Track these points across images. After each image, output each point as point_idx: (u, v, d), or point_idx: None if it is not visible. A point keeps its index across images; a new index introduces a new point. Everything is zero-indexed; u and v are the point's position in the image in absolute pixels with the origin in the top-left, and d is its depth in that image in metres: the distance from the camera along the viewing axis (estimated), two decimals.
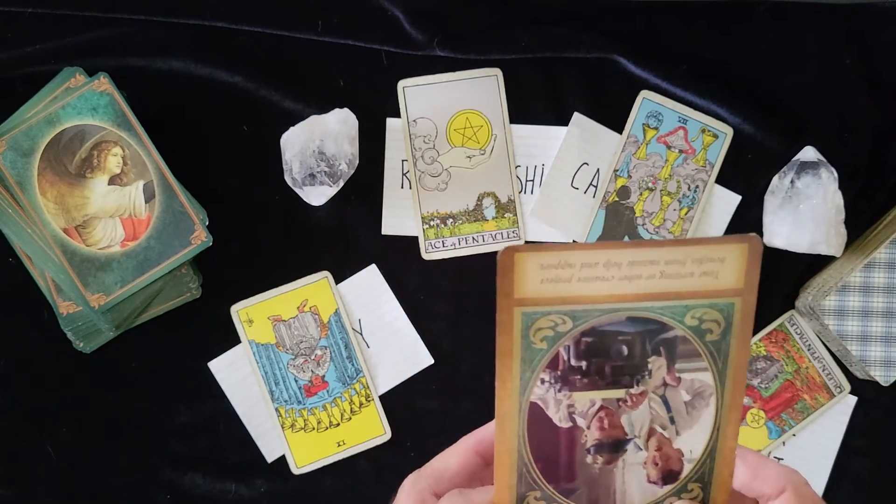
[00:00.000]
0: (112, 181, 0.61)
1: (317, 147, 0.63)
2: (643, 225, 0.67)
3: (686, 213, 0.67)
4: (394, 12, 0.67)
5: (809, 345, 0.67)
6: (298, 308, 0.66)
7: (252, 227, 0.67)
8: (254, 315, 0.65)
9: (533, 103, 0.68)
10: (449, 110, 0.68)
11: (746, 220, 0.67)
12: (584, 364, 0.36)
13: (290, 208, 0.66)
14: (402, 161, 0.67)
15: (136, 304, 0.63)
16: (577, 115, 0.67)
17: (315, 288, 0.66)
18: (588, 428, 0.37)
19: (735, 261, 0.35)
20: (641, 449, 0.37)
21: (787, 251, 0.64)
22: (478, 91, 0.68)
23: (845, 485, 0.67)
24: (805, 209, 0.63)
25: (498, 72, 0.68)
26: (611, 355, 0.36)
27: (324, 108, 0.65)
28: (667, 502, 0.38)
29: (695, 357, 0.36)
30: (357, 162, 0.65)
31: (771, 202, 0.65)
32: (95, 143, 0.61)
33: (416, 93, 0.68)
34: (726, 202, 0.67)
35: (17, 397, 0.65)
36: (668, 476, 0.37)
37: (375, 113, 0.67)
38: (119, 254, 0.61)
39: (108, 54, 0.66)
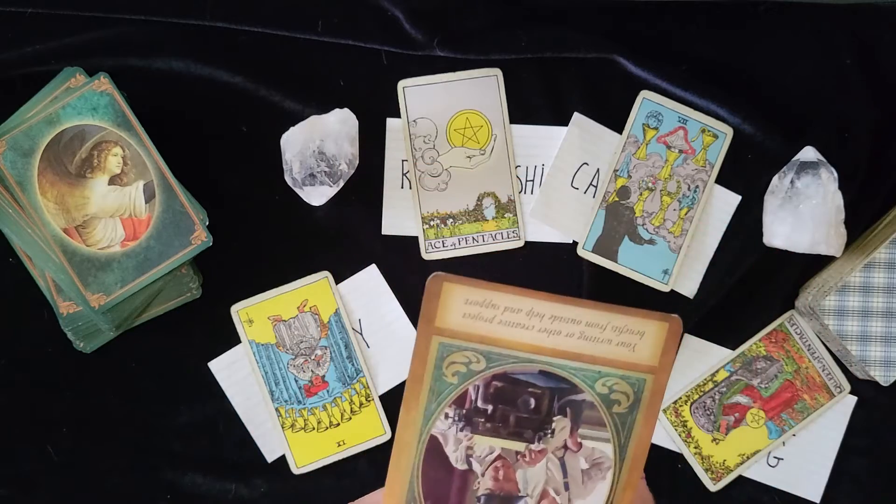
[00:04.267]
0: (112, 181, 0.61)
1: (317, 147, 0.63)
2: (643, 225, 0.67)
3: (686, 213, 0.67)
4: (394, 12, 0.67)
5: (809, 345, 0.67)
6: (298, 308, 0.66)
7: (252, 227, 0.67)
8: (254, 315, 0.65)
9: (533, 103, 0.68)
10: (449, 110, 0.68)
11: (746, 221, 0.67)
12: (490, 408, 0.36)
13: (290, 208, 0.66)
14: (402, 161, 0.67)
15: (137, 304, 0.63)
16: (577, 115, 0.67)
17: (315, 288, 0.66)
18: (482, 475, 0.37)
19: (653, 337, 0.35)
20: None
21: (786, 251, 0.64)
22: (478, 91, 0.68)
23: (845, 484, 0.67)
24: (805, 209, 0.63)
25: (498, 72, 0.68)
26: (517, 405, 0.36)
27: (324, 108, 0.65)
28: None
29: (599, 426, 0.36)
30: (357, 162, 0.65)
31: (771, 202, 0.65)
32: (95, 143, 0.61)
33: (416, 93, 0.68)
34: (726, 202, 0.68)
35: (17, 397, 0.65)
36: None
37: (375, 113, 0.67)
38: (119, 254, 0.61)
39: (108, 54, 0.66)
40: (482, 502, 0.37)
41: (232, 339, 0.66)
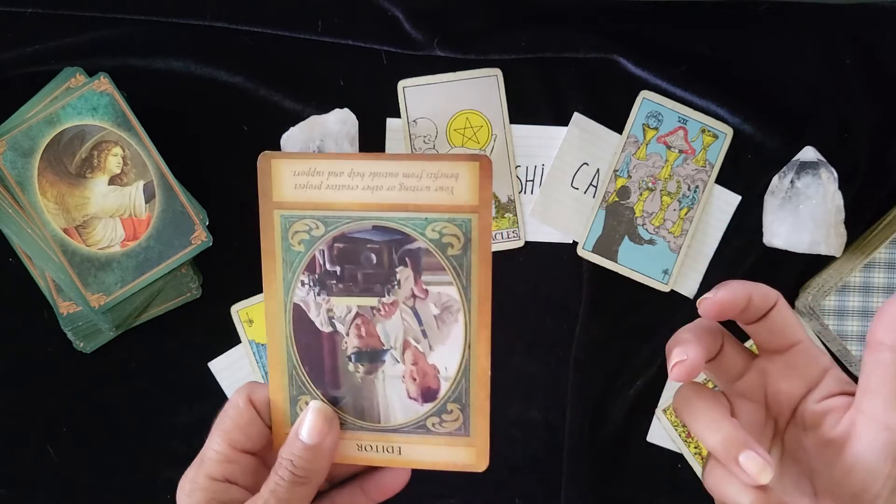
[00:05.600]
0: (112, 181, 0.62)
1: (317, 147, 0.63)
2: (643, 225, 0.67)
3: (686, 214, 0.67)
4: (394, 12, 0.67)
5: None
6: None
7: (252, 227, 0.66)
8: (254, 315, 0.65)
9: (533, 103, 0.68)
10: (449, 110, 0.68)
11: (746, 221, 0.67)
12: (338, 269, 0.39)
13: None
14: None
15: (137, 304, 0.63)
16: (577, 116, 0.68)
17: None
18: (347, 335, 0.40)
19: (468, 178, 0.38)
20: (399, 361, 0.40)
21: (786, 251, 0.64)
22: (478, 91, 0.68)
23: None
24: (805, 209, 0.63)
25: (498, 72, 0.68)
26: (361, 262, 0.39)
27: (324, 108, 0.65)
28: (428, 422, 0.40)
29: (439, 270, 0.39)
30: None
31: (771, 202, 0.65)
32: (95, 143, 0.61)
33: (416, 93, 0.68)
34: (726, 202, 0.68)
35: (17, 397, 0.65)
36: (427, 393, 0.40)
37: (375, 113, 0.67)
38: (119, 254, 0.61)
39: (108, 54, 0.66)
40: (353, 360, 0.40)
41: (232, 339, 0.66)
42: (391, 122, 0.67)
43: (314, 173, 0.39)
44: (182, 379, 0.66)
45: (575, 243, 0.67)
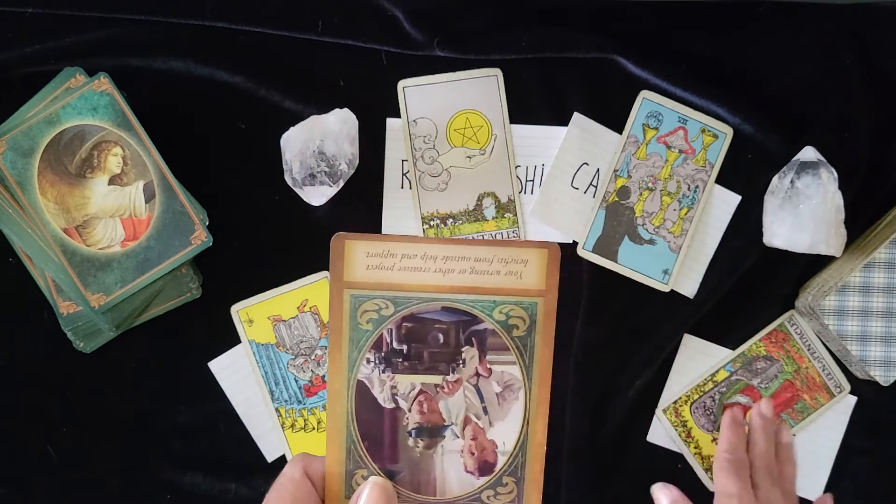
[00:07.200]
0: (112, 181, 0.61)
1: (317, 147, 0.63)
2: (643, 225, 0.67)
3: (686, 213, 0.67)
4: (394, 12, 0.67)
5: (809, 345, 0.67)
6: (298, 308, 0.66)
7: (252, 227, 0.67)
8: (254, 315, 0.65)
9: (533, 103, 0.68)
10: (449, 110, 0.68)
11: (746, 221, 0.67)
12: (404, 348, 0.41)
13: (290, 208, 0.66)
14: (402, 161, 0.67)
15: (137, 304, 0.63)
16: (576, 115, 0.68)
17: (315, 288, 0.66)
18: (409, 411, 0.41)
19: (536, 264, 0.40)
20: (458, 437, 0.41)
21: (786, 251, 0.64)
22: (478, 91, 0.68)
23: (845, 485, 0.67)
24: (805, 209, 0.63)
25: (498, 72, 0.68)
26: (428, 342, 0.41)
27: (324, 108, 0.65)
28: (483, 495, 0.41)
29: (504, 350, 0.41)
30: (357, 162, 0.65)
31: (771, 202, 0.65)
32: (95, 143, 0.61)
33: (416, 93, 0.68)
34: (726, 202, 0.68)
35: (17, 397, 0.65)
36: (484, 467, 0.41)
37: (375, 113, 0.67)
38: (119, 254, 0.61)
39: (108, 54, 0.66)
40: (413, 435, 0.41)
41: (232, 339, 0.66)
42: (391, 122, 0.68)
43: (387, 255, 0.40)
44: (182, 379, 0.66)
45: (575, 243, 0.67)
